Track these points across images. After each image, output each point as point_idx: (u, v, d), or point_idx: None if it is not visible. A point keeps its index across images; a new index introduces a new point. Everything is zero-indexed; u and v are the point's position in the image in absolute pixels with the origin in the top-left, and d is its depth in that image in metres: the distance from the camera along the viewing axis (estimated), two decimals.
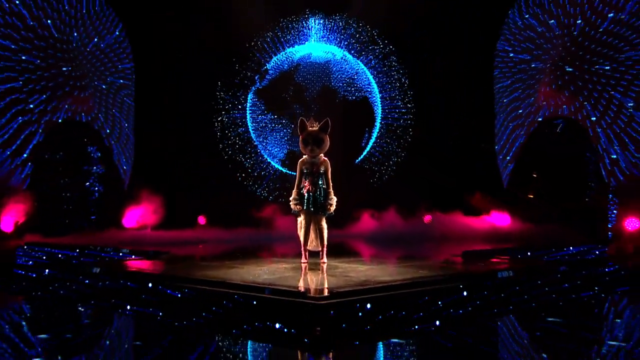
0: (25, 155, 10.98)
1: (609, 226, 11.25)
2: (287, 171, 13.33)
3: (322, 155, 5.85)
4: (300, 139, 5.87)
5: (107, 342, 4.39)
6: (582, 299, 6.05)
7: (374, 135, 13.92)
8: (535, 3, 12.63)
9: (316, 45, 13.67)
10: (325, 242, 6.09)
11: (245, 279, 4.94)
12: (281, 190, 12.96)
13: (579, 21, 11.91)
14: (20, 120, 10.95)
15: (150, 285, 5.36)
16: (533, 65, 12.88)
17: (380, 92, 13.84)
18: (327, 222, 6.07)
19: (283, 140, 13.64)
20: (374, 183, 13.67)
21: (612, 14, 11.41)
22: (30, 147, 11.10)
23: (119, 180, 12.64)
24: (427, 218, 12.54)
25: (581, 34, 11.91)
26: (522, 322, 5.00)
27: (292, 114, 13.28)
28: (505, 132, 13.45)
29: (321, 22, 13.49)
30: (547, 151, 12.70)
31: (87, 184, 12.25)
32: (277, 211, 12.64)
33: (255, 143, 13.60)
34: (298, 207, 5.96)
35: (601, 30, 11.58)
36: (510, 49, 13.16)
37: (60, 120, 11.61)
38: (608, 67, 11.59)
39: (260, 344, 4.11)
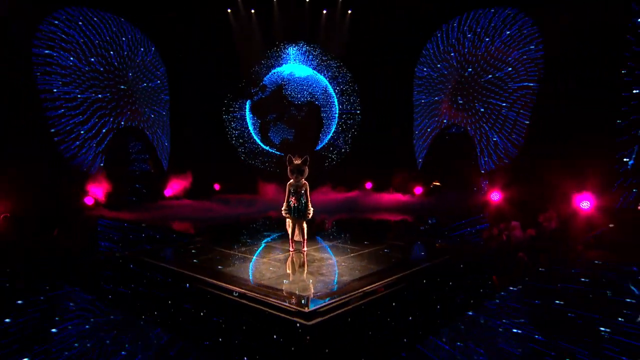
0: (102, 146, 12.50)
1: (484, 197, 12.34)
2: (277, 152, 15.13)
3: (303, 179, 6.58)
4: (288, 169, 6.54)
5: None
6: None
7: (332, 130, 15.34)
8: (442, 48, 13.62)
9: (296, 66, 15.11)
10: (305, 237, 6.82)
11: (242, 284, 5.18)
12: (270, 163, 15.14)
13: (470, 69, 13.18)
14: (102, 122, 12.50)
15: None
16: (436, 92, 14.05)
17: (338, 98, 15.24)
18: (306, 224, 6.81)
19: (275, 132, 15.30)
20: (328, 165, 15.12)
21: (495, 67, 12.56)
22: (106, 141, 12.62)
23: (160, 164, 14.01)
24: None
25: (470, 77, 13.18)
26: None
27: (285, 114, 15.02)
28: (421, 131, 14.54)
29: (297, 48, 14.94)
30: (445, 146, 14.05)
31: (138, 168, 13.60)
32: (266, 182, 13.98)
33: (252, 134, 15.36)
34: (287, 214, 6.69)
35: (482, 80, 12.88)
36: (424, 74, 14.29)
37: (122, 124, 13.06)
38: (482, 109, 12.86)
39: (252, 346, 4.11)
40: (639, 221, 9.63)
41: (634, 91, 10.17)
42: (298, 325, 4.08)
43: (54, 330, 4.48)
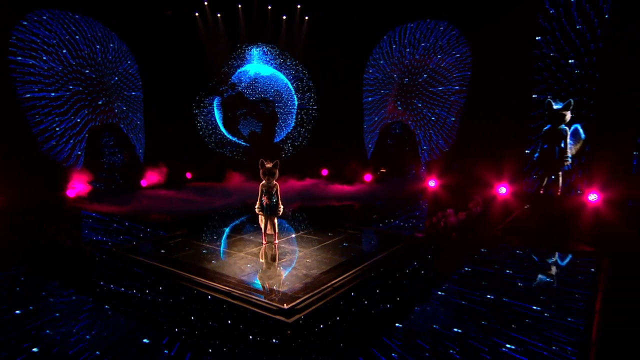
0: (81, 140, 11.86)
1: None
2: (243, 142, 15.12)
3: (274, 181, 6.58)
4: (260, 172, 6.49)
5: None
6: None
7: (291, 124, 15.27)
8: (387, 51, 13.72)
9: (260, 65, 14.91)
10: (277, 231, 6.90)
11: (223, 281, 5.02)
12: (237, 152, 14.99)
13: (407, 79, 13.56)
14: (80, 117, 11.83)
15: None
16: (382, 91, 14.22)
17: (297, 95, 15.13)
18: (277, 219, 6.89)
19: (243, 125, 15.13)
20: (285, 156, 15.02)
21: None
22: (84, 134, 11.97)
23: (137, 156, 13.47)
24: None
25: (410, 80, 13.51)
26: None
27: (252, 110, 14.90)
28: (369, 126, 14.66)
29: (260, 49, 14.72)
30: (389, 139, 14.35)
31: (115, 161, 13.07)
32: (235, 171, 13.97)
33: (220, 127, 15.13)
34: (260, 212, 6.71)
35: (420, 79, 13.21)
36: (371, 76, 14.25)
37: (99, 118, 12.41)
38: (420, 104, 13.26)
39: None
40: (549, 204, 10.51)
41: (541, 97, 11.10)
42: (278, 323, 4.07)
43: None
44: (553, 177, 11.08)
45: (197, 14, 13.46)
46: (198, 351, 4.10)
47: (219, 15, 13.75)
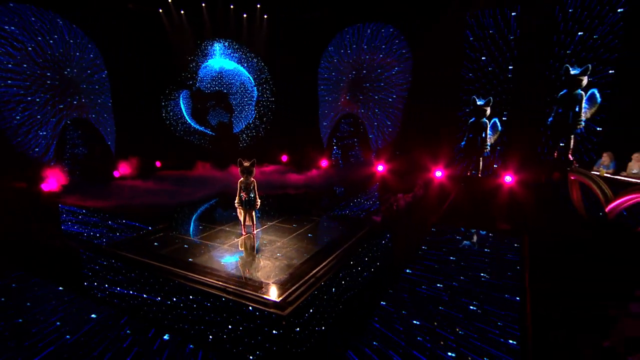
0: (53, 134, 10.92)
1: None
2: (205, 129, 14.42)
3: (252, 178, 6.42)
4: (239, 170, 6.34)
5: None
6: None
7: (252, 116, 14.68)
8: (340, 50, 13.46)
9: (223, 60, 14.16)
10: (254, 222, 6.73)
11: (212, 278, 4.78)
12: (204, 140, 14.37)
13: (353, 72, 13.45)
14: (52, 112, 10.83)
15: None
16: (335, 86, 13.91)
17: (257, 88, 14.45)
18: (254, 212, 6.70)
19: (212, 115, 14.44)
20: (244, 146, 14.45)
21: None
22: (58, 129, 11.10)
23: (108, 148, 12.55)
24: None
25: (357, 80, 13.41)
26: None
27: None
28: (324, 117, 14.33)
29: (222, 45, 13.97)
30: (342, 129, 14.06)
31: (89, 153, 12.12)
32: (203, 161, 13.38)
33: (187, 117, 14.35)
34: (239, 206, 6.55)
35: (369, 81, 13.20)
36: (325, 71, 13.94)
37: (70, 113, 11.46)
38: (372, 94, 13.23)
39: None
40: (475, 185, 11.24)
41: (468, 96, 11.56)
42: (274, 316, 4.01)
43: None
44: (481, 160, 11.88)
45: (160, 10, 12.46)
46: (199, 344, 4.01)
47: (182, 12, 12.84)
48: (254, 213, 6.73)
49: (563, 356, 3.88)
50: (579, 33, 9.76)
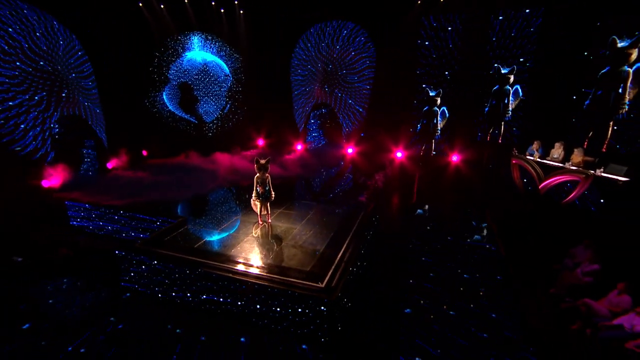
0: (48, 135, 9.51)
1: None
2: (190, 118, 13.24)
3: (266, 174, 6.23)
4: (256, 167, 6.13)
5: None
6: None
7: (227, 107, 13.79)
8: (312, 42, 12.91)
9: (203, 52, 13.02)
10: (269, 212, 6.61)
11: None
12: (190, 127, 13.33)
13: (330, 66, 13.01)
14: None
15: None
16: (311, 72, 13.24)
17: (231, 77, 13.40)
18: (269, 203, 6.52)
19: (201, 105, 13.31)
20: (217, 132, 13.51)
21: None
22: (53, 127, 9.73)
23: (101, 142, 11.27)
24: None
25: (331, 72, 12.95)
26: None
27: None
28: (299, 107, 13.75)
29: (201, 37, 12.85)
30: (317, 116, 13.37)
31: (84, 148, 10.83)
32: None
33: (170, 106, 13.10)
34: (257, 199, 6.33)
35: (340, 73, 12.85)
36: (297, 62, 13.31)
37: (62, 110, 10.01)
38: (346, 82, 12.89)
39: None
40: (428, 163, 11.74)
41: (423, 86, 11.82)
42: (321, 300, 3.95)
43: None
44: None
45: (140, 4, 10.89)
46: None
47: (162, 6, 11.38)
48: (268, 204, 6.65)
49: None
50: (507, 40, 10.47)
